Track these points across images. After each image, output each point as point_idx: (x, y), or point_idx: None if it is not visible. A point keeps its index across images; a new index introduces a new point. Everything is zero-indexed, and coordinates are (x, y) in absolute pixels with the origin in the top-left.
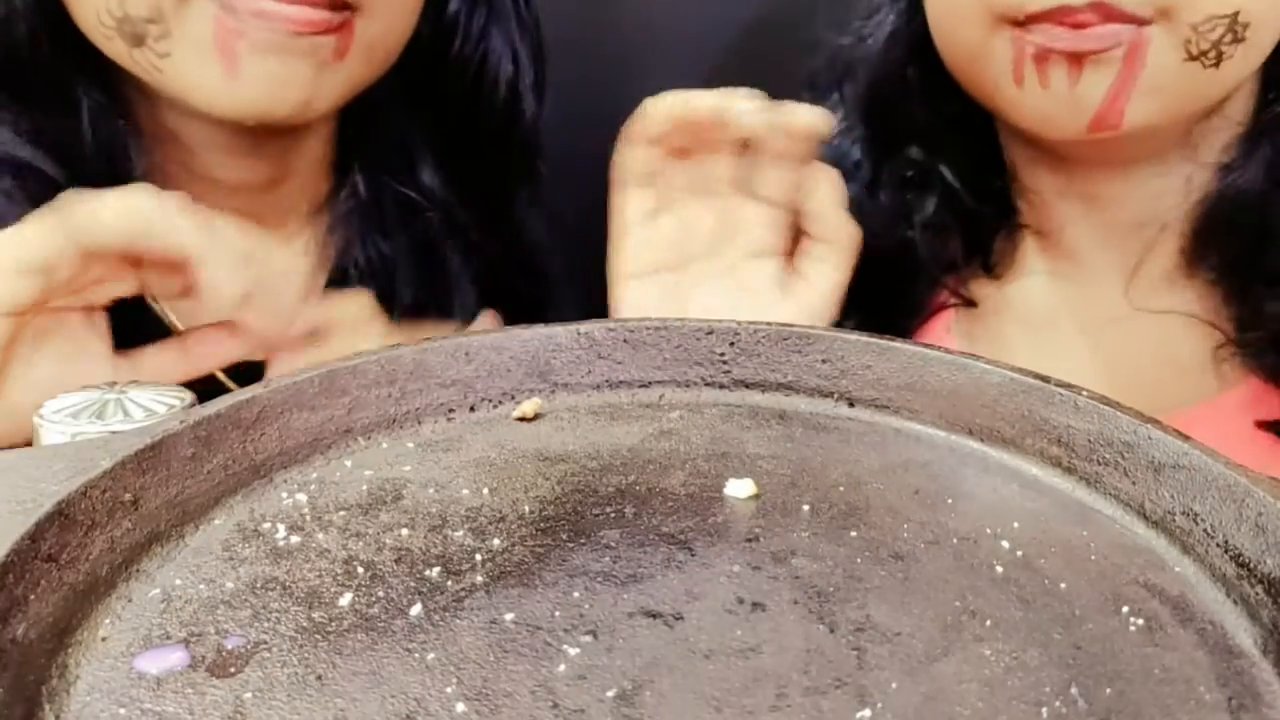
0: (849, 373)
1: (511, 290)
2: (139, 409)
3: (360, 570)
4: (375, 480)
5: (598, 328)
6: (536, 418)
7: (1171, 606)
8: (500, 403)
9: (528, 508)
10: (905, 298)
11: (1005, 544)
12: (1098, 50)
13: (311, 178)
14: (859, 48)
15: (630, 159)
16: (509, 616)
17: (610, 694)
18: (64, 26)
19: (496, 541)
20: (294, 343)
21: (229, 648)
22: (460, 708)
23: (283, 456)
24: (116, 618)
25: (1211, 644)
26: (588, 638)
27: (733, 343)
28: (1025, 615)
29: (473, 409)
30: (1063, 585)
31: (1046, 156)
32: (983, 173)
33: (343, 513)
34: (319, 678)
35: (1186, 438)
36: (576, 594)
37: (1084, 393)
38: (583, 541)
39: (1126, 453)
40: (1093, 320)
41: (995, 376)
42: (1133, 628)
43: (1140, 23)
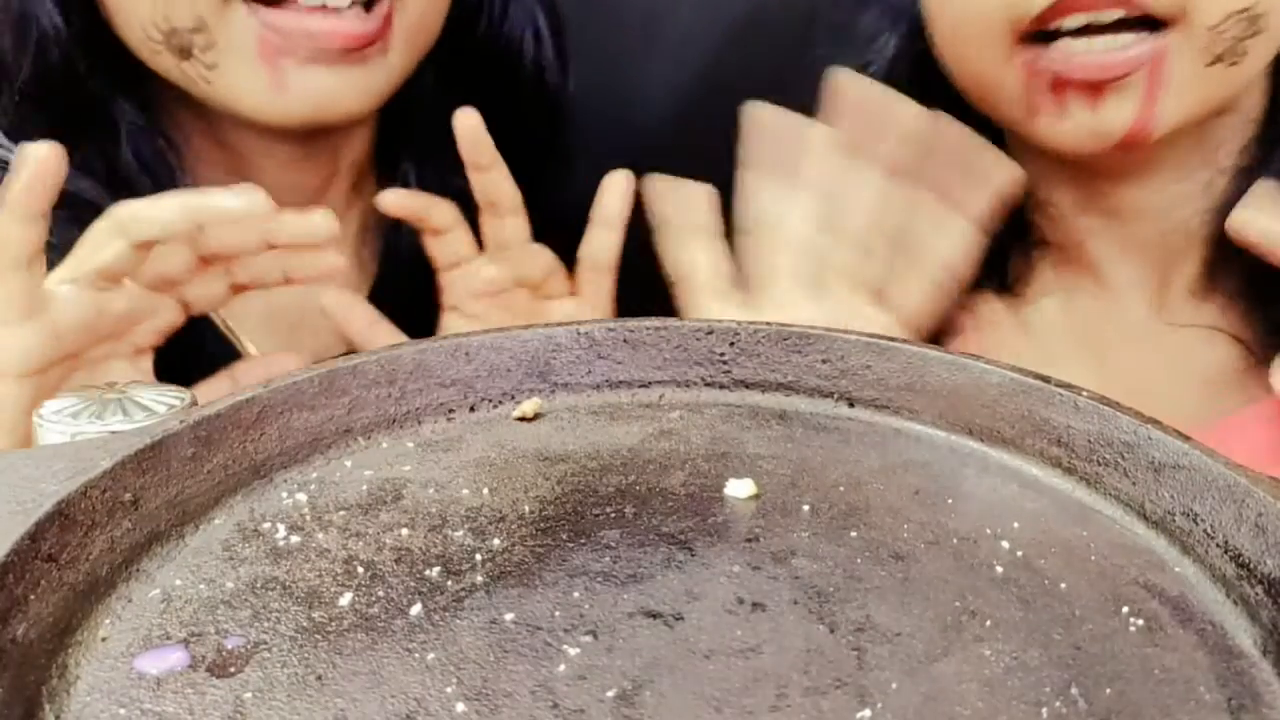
0: (849, 373)
1: None
2: (139, 409)
3: (360, 570)
4: (375, 480)
5: (598, 328)
6: (536, 418)
7: (1171, 607)
8: (500, 403)
9: (528, 508)
10: None
11: (1005, 544)
12: (1118, 77)
13: (354, 177)
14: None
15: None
16: (509, 616)
17: (610, 694)
18: (103, 48)
19: (496, 541)
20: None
21: (229, 648)
22: (460, 708)
23: (283, 456)
24: (116, 618)
25: (1211, 644)
26: (588, 638)
27: (733, 343)
28: (1025, 615)
29: (473, 409)
30: (1063, 585)
31: (1064, 170)
32: None
33: (343, 513)
34: (319, 678)
35: (1187, 438)
36: (576, 594)
37: (1084, 393)
38: (583, 541)
39: (1126, 453)
40: (1115, 338)
41: (995, 376)
42: (1133, 628)
43: (1150, 19)
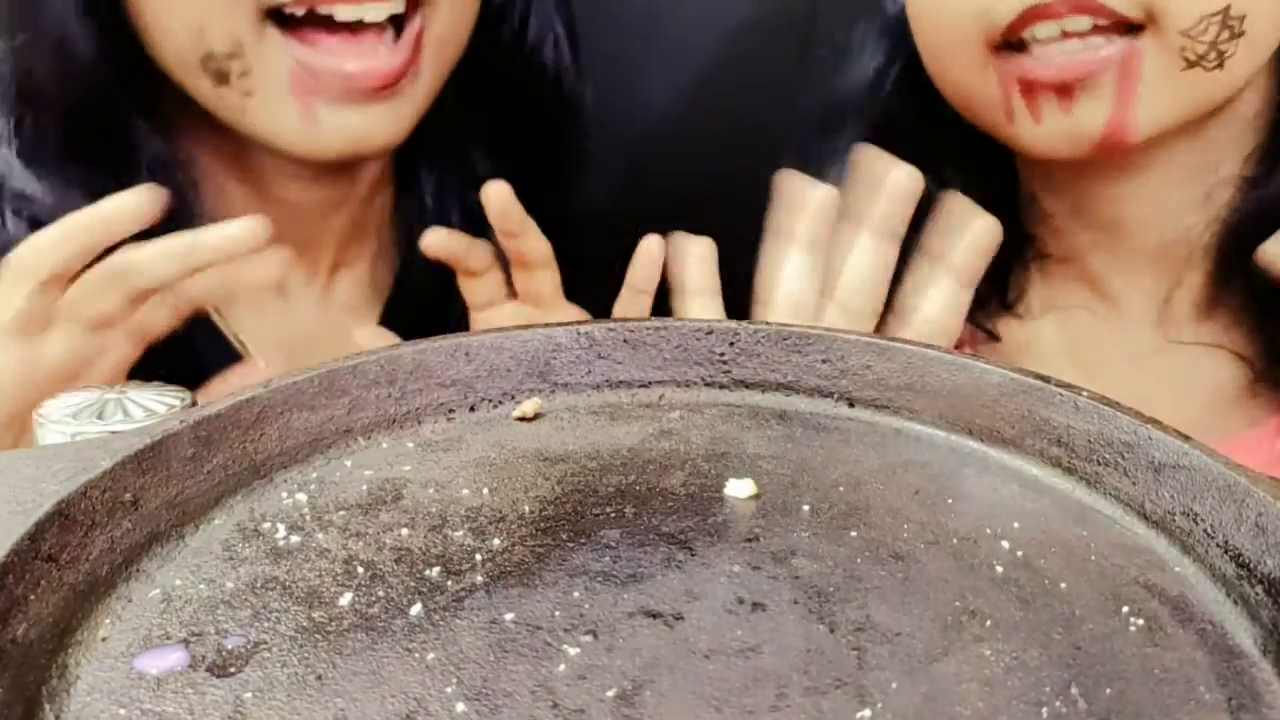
0: (849, 373)
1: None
2: (139, 409)
3: (360, 570)
4: (375, 480)
5: (598, 328)
6: (536, 418)
7: (1171, 606)
8: (500, 403)
9: (528, 508)
10: None
11: (1005, 544)
12: (1083, 77)
13: (372, 190)
14: (852, 94)
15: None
16: (509, 616)
17: (610, 694)
18: (131, 69)
19: (496, 541)
20: None
21: (229, 648)
22: (460, 708)
23: (283, 456)
24: (116, 618)
25: (1211, 644)
26: (588, 638)
27: (733, 343)
28: (1025, 615)
29: (473, 409)
30: (1063, 585)
31: (1061, 179)
32: (996, 202)
33: (343, 513)
34: (319, 678)
35: (1187, 438)
36: (576, 594)
37: (1084, 393)
38: (583, 541)
39: (1126, 453)
40: (1116, 355)
41: (995, 376)
42: (1133, 628)
43: (1122, 23)
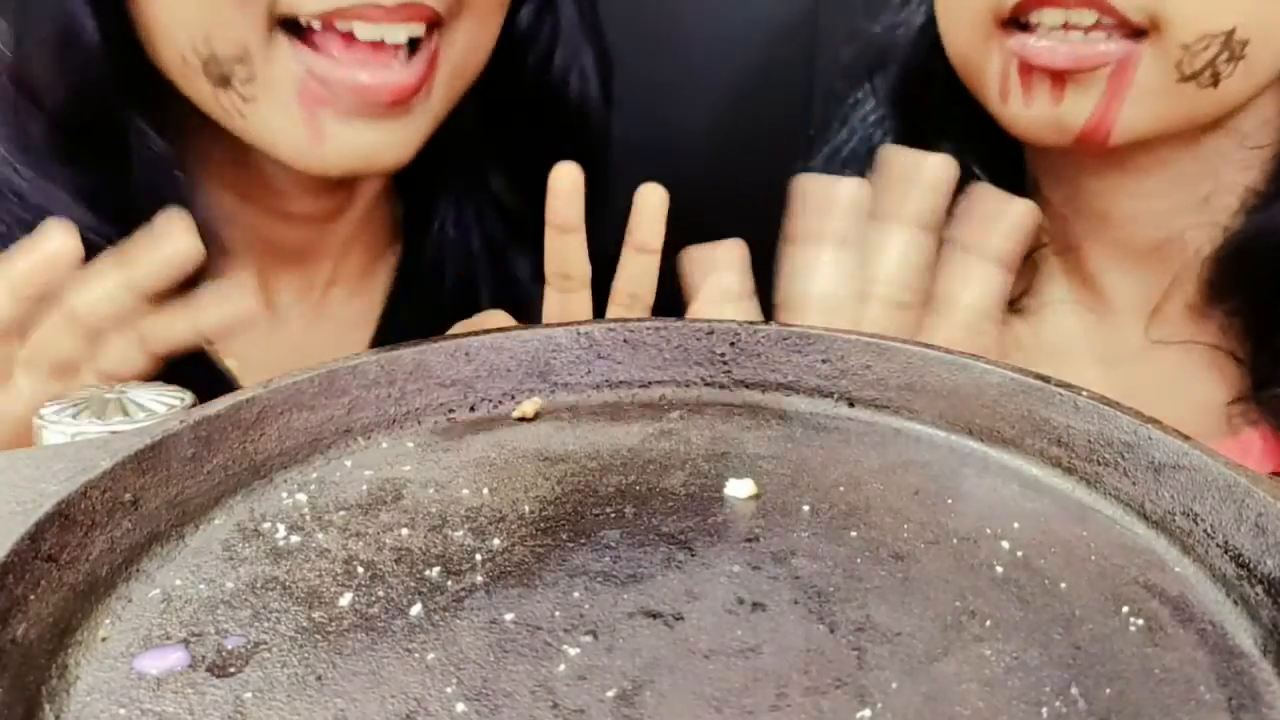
0: (849, 373)
1: None
2: (139, 409)
3: (360, 570)
4: (375, 480)
5: (598, 328)
6: (536, 418)
7: (1171, 606)
8: (500, 403)
9: (528, 508)
10: None
11: (1005, 544)
12: (1081, 70)
13: (372, 203)
14: (891, 37)
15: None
16: (509, 616)
17: (610, 694)
18: (132, 65)
19: (496, 541)
20: None
21: (229, 648)
22: (460, 708)
23: (283, 456)
24: (116, 618)
25: (1211, 644)
26: (588, 638)
27: (733, 343)
28: (1025, 615)
29: (473, 409)
30: (1063, 585)
31: (1056, 163)
32: (1012, 175)
33: (343, 513)
34: (319, 678)
35: (1186, 437)
36: (576, 594)
37: (1084, 393)
38: (583, 541)
39: (1126, 453)
40: (1112, 353)
41: (995, 376)
42: (1133, 628)
43: (1126, 25)
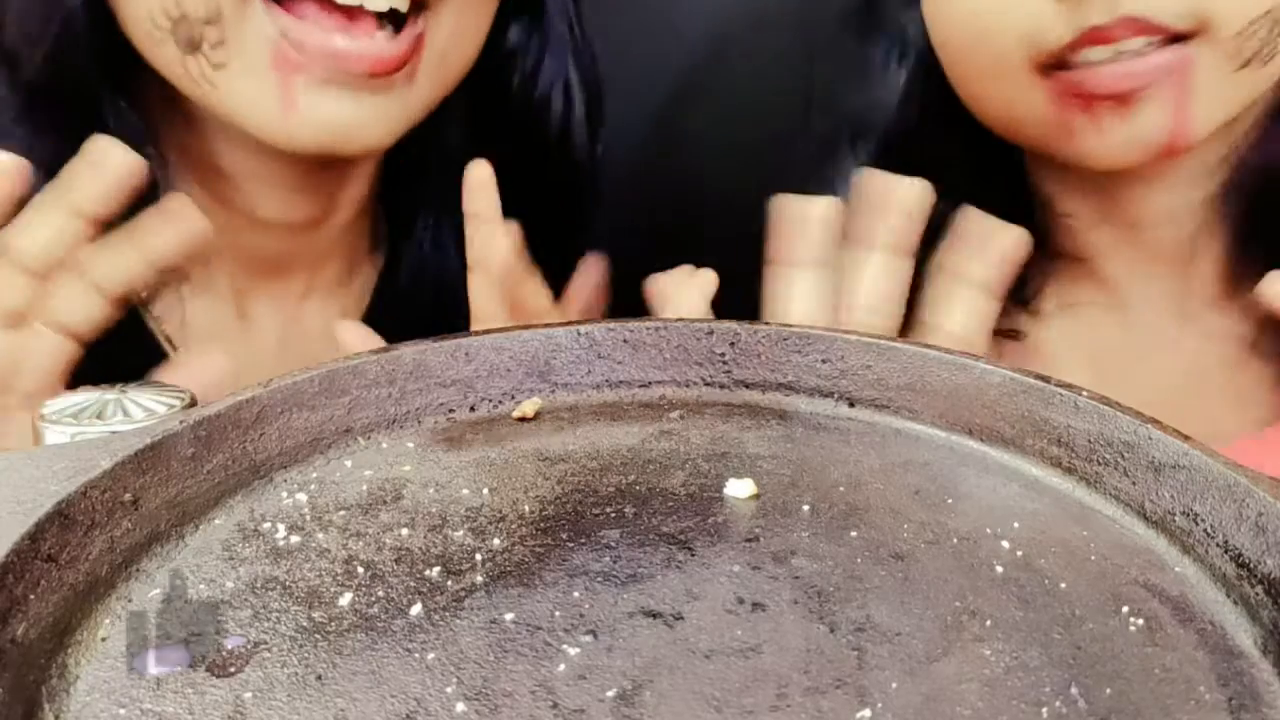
0: (849, 373)
1: None
2: (139, 409)
3: (360, 570)
4: (375, 480)
5: (598, 328)
6: (536, 418)
7: (1171, 606)
8: (500, 403)
9: (528, 508)
10: None
11: (1005, 544)
12: (1141, 87)
13: (353, 215)
14: (870, 110)
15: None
16: (509, 616)
17: (610, 694)
18: (105, 37)
19: (496, 541)
20: None
21: (229, 648)
22: (460, 708)
23: (283, 456)
24: (116, 618)
25: (1211, 644)
26: (588, 638)
27: (733, 343)
28: (1025, 615)
29: (473, 409)
30: (1063, 585)
31: (1088, 183)
32: (1009, 205)
33: (343, 513)
34: (319, 678)
35: (1186, 437)
36: (576, 594)
37: (1084, 393)
38: (583, 541)
39: (1126, 453)
40: (1130, 356)
41: (995, 376)
42: (1133, 628)
43: (1174, 35)
